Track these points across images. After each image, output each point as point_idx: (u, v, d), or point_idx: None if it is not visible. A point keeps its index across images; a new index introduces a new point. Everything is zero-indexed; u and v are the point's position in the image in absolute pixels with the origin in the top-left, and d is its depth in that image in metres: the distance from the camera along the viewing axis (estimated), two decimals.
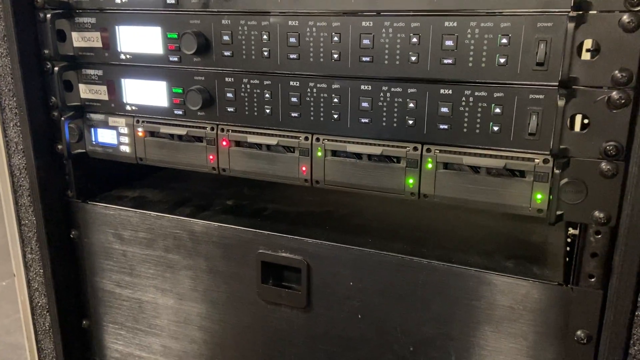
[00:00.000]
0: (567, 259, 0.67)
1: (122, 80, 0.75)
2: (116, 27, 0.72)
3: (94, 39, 0.74)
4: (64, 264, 0.85)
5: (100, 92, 0.76)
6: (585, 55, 0.52)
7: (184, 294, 0.78)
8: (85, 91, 0.77)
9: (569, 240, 0.72)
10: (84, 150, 0.80)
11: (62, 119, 0.77)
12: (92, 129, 0.79)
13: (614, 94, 0.51)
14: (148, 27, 0.70)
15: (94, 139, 0.79)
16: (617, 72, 0.50)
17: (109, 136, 0.77)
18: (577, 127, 0.55)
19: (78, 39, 0.75)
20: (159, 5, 0.69)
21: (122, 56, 0.73)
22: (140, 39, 0.71)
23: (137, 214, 0.78)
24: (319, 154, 0.66)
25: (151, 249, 0.79)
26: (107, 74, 0.75)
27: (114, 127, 0.77)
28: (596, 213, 0.55)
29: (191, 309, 0.78)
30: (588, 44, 0.52)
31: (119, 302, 0.84)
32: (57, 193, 0.83)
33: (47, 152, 0.80)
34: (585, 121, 0.54)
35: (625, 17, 0.49)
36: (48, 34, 0.74)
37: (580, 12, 0.50)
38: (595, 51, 0.52)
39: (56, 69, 0.75)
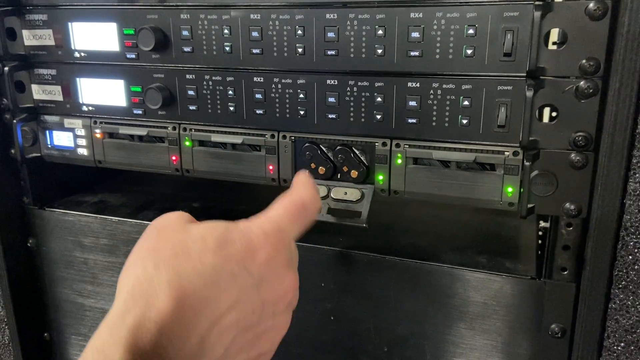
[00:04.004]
0: (540, 252, 0.66)
1: (78, 79, 0.71)
2: (69, 23, 0.69)
3: (46, 37, 0.70)
4: (22, 274, 0.81)
5: (54, 93, 0.73)
6: (552, 45, 0.52)
7: None
8: (38, 92, 0.74)
9: (540, 233, 0.72)
10: (39, 154, 0.76)
11: (15, 121, 0.73)
12: (47, 132, 0.75)
13: (582, 84, 0.50)
14: (103, 23, 0.67)
15: (49, 142, 0.75)
16: (584, 61, 0.50)
17: (65, 139, 0.74)
18: (546, 118, 0.55)
19: (29, 37, 0.71)
20: (114, 0, 0.65)
21: (77, 54, 0.70)
22: (95, 36, 0.68)
23: (97, 219, 0.75)
24: (286, 152, 0.64)
25: (114, 255, 0.75)
26: (61, 74, 0.72)
27: (70, 129, 0.73)
28: (567, 205, 0.54)
29: None
30: (555, 33, 0.51)
31: (81, 313, 0.80)
32: (12, 200, 0.79)
33: (0, 157, 0.76)
34: (554, 113, 0.54)
35: (592, 5, 0.48)
36: None
37: (547, 1, 0.50)
38: (562, 41, 0.51)
39: (6, 69, 0.71)
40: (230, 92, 0.64)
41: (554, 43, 0.52)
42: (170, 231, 0.40)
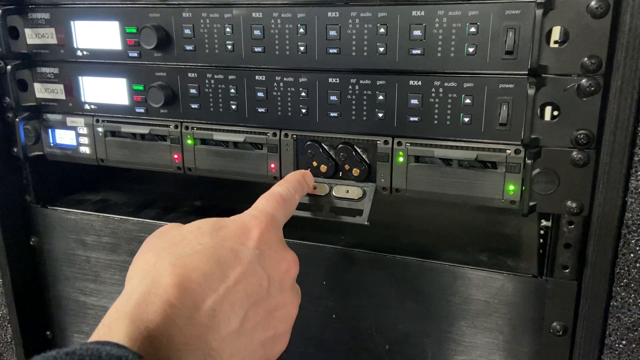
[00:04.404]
0: (541, 250, 0.66)
1: (80, 78, 0.71)
2: (72, 22, 0.69)
3: (48, 36, 0.71)
4: (25, 272, 0.82)
5: (56, 91, 0.73)
6: (554, 43, 0.52)
7: None
8: (41, 90, 0.74)
9: (542, 232, 0.72)
10: (42, 153, 0.76)
11: (17, 120, 0.73)
12: (50, 130, 0.75)
13: (584, 82, 0.50)
14: (105, 21, 0.67)
15: (51, 141, 0.75)
16: (586, 59, 0.50)
17: (67, 137, 0.74)
18: (548, 116, 0.55)
19: (32, 36, 0.72)
20: None
21: (79, 53, 0.70)
22: (97, 35, 0.68)
23: (99, 217, 0.75)
24: (288, 150, 0.64)
25: (116, 253, 0.75)
26: (63, 72, 0.72)
27: (73, 128, 0.73)
28: (569, 203, 0.54)
29: None
30: (556, 31, 0.51)
31: (83, 311, 0.81)
32: (15, 198, 0.79)
33: (2, 155, 0.76)
34: (556, 111, 0.54)
35: (594, 3, 0.48)
36: None
37: None
38: (563, 39, 0.51)
39: (9, 67, 0.71)
40: (232, 90, 0.64)
41: (555, 41, 0.52)
42: (165, 232, 0.43)
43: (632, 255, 0.52)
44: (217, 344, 0.37)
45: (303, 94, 0.61)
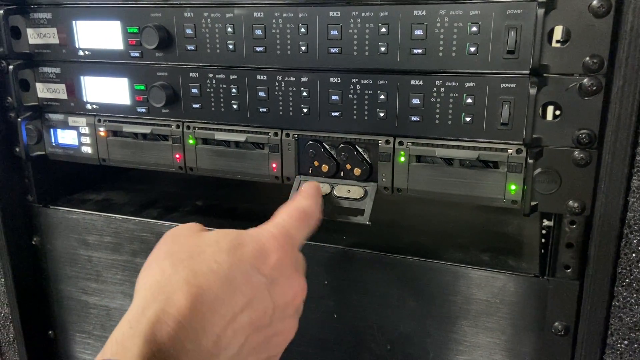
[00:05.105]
0: (543, 250, 0.66)
1: (82, 78, 0.71)
2: (73, 22, 0.69)
3: (50, 36, 0.71)
4: (27, 272, 0.82)
5: (58, 91, 0.73)
6: (556, 43, 0.52)
7: None
8: (42, 90, 0.74)
9: (544, 232, 0.72)
10: (44, 152, 0.76)
11: (19, 119, 0.74)
12: (52, 130, 0.75)
13: (586, 81, 0.50)
14: (107, 21, 0.67)
15: (53, 140, 0.75)
16: (588, 58, 0.50)
17: (69, 137, 0.74)
18: (550, 116, 0.54)
19: (34, 36, 0.72)
20: None
21: (81, 53, 0.70)
22: (99, 34, 0.68)
23: (101, 217, 0.75)
24: (290, 149, 0.64)
25: (118, 253, 0.76)
26: (65, 72, 0.72)
27: (75, 127, 0.73)
28: (570, 203, 0.54)
29: None
30: (558, 30, 0.51)
31: (85, 310, 0.81)
32: (17, 198, 0.79)
33: (5, 155, 0.77)
34: (558, 111, 0.54)
35: (595, 2, 0.48)
36: (1, 30, 0.70)
37: None
38: (565, 39, 0.51)
39: (11, 67, 0.71)
40: (233, 90, 0.64)
41: (557, 41, 0.52)
42: (184, 237, 0.42)
43: (634, 255, 0.52)
44: None
45: (304, 93, 0.61)
